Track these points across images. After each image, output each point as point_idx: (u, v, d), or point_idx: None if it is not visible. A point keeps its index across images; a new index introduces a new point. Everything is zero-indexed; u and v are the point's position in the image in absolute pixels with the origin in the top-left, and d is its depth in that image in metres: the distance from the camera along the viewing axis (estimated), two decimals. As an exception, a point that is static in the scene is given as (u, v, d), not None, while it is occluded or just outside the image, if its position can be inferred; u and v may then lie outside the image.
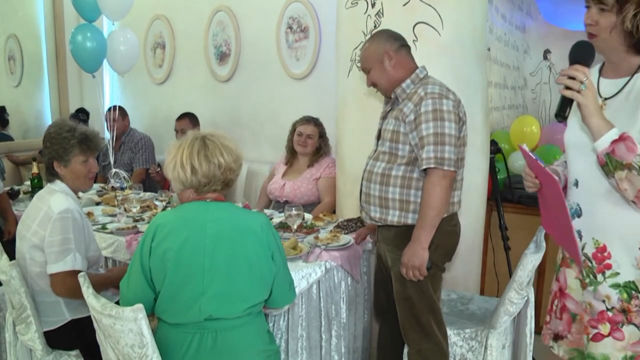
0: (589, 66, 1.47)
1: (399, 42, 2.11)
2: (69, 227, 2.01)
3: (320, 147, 3.40)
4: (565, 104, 1.48)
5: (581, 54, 1.50)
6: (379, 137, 2.20)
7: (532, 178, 1.67)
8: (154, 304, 1.71)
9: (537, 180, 1.66)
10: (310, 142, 3.37)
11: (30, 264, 2.06)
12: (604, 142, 1.41)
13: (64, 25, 5.17)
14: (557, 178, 1.52)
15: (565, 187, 1.72)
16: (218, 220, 1.68)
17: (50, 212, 2.02)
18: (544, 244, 2.13)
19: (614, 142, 1.39)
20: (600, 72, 1.65)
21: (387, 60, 2.07)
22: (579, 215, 1.64)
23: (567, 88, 1.44)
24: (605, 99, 1.58)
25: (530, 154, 1.60)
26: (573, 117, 1.64)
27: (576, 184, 1.64)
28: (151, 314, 1.70)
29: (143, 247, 1.68)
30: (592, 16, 1.51)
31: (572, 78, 1.44)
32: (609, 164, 1.41)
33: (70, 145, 2.14)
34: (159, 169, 4.14)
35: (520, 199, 3.37)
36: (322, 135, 3.42)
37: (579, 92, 1.42)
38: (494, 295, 3.13)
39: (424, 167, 1.96)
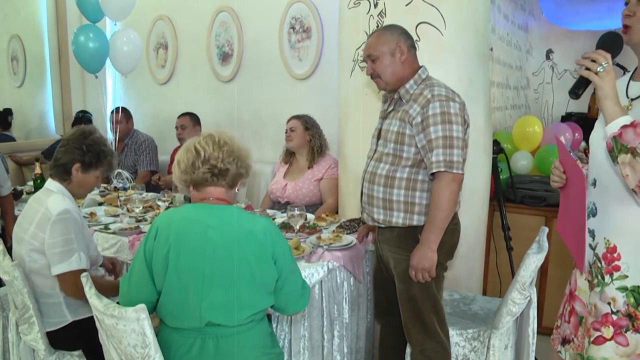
0: (614, 55, 1.48)
1: (410, 41, 2.11)
2: (70, 227, 2.01)
3: (311, 142, 3.37)
4: (581, 83, 1.50)
5: (608, 42, 1.52)
6: (378, 136, 2.18)
7: (560, 172, 1.68)
8: (155, 304, 1.70)
9: (564, 176, 1.67)
10: (294, 135, 3.37)
11: (30, 267, 2.06)
12: (614, 126, 1.42)
13: (66, 25, 5.18)
14: (584, 173, 1.55)
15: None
16: (220, 226, 1.65)
17: (49, 214, 2.01)
18: (546, 244, 2.13)
19: (624, 126, 1.40)
20: (631, 76, 1.65)
21: (399, 53, 2.05)
22: (594, 215, 1.64)
23: (587, 70, 1.45)
24: (633, 99, 1.58)
25: (567, 147, 1.61)
26: (601, 117, 1.64)
27: (594, 183, 1.64)
28: (153, 314, 1.70)
29: (146, 245, 1.67)
30: (630, 7, 1.53)
31: (593, 61, 1.45)
32: (615, 148, 1.42)
33: (105, 160, 2.18)
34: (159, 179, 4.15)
35: (523, 199, 3.37)
36: (309, 127, 3.38)
37: (596, 73, 1.43)
38: (496, 296, 3.13)
39: (434, 170, 1.95)
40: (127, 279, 1.71)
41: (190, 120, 4.11)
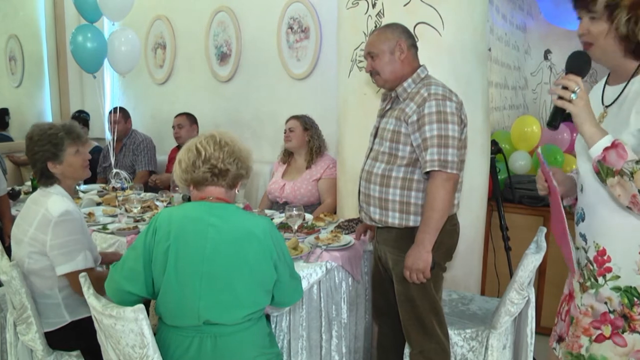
0: (583, 75, 1.49)
1: (411, 41, 2.11)
2: (74, 227, 2.01)
3: (310, 142, 3.38)
4: (557, 114, 1.51)
5: (576, 63, 1.52)
6: (375, 135, 2.18)
7: (542, 181, 1.70)
8: (140, 300, 1.68)
9: (546, 184, 1.68)
10: (293, 135, 3.38)
11: (30, 267, 2.05)
12: (596, 150, 1.43)
13: (64, 25, 5.17)
14: (556, 187, 1.58)
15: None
16: (220, 225, 1.65)
17: (49, 215, 2.00)
18: (544, 244, 2.13)
19: (606, 149, 1.41)
20: (607, 80, 1.66)
21: (399, 52, 2.06)
22: (583, 220, 1.65)
23: (560, 98, 1.46)
24: (607, 106, 1.59)
25: (543, 160, 1.64)
26: None
27: (582, 189, 1.66)
28: (151, 312, 1.70)
29: (145, 240, 1.67)
30: (583, 26, 1.53)
31: (565, 88, 1.45)
32: (601, 172, 1.43)
33: (60, 138, 2.10)
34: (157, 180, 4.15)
35: (521, 199, 3.37)
36: (308, 128, 3.39)
37: (570, 101, 1.44)
38: (494, 296, 3.13)
39: (428, 169, 1.95)
40: (120, 267, 1.70)
41: (187, 120, 4.15)
